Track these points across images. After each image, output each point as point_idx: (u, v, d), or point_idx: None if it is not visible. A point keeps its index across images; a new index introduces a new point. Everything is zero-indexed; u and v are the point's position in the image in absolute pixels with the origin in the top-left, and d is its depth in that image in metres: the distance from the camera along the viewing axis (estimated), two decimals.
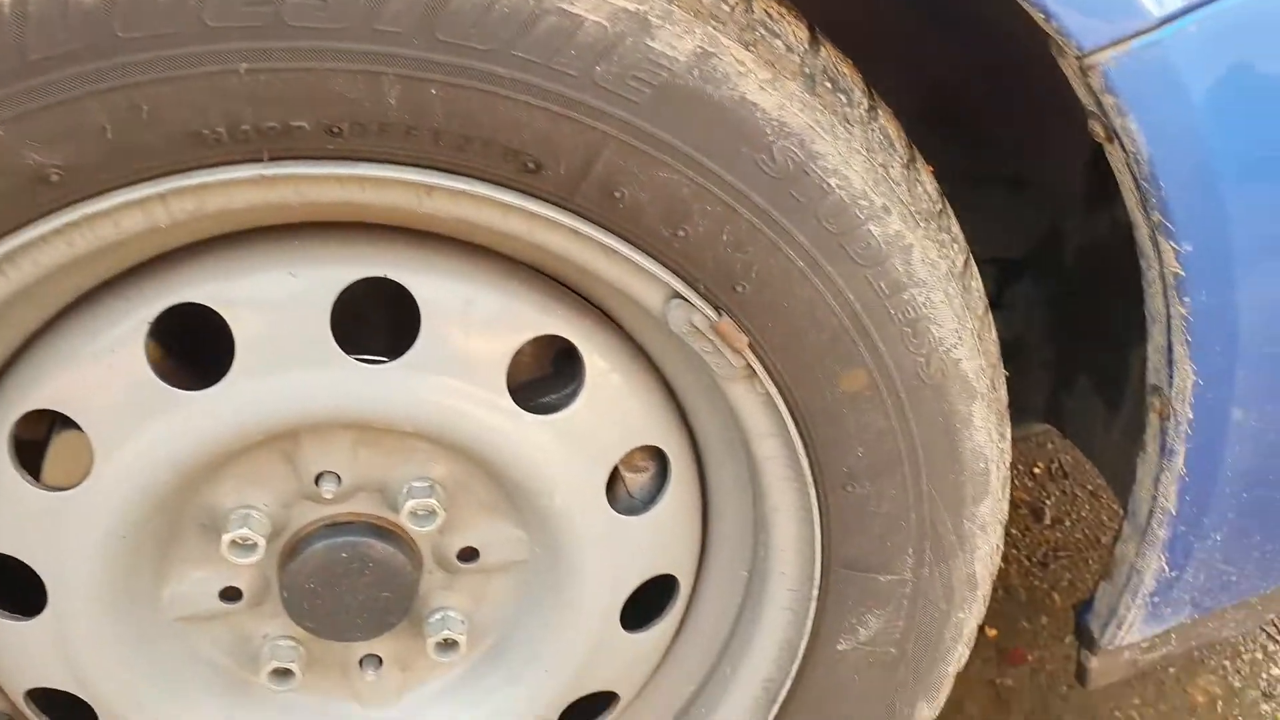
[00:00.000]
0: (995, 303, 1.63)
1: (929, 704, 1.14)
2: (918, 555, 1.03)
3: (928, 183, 0.93)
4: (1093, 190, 1.39)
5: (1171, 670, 1.82)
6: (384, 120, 0.77)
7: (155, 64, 0.73)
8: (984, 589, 1.09)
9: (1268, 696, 1.79)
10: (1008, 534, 2.11)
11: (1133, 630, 1.28)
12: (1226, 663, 1.85)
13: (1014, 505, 2.15)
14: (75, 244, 0.82)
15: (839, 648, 1.08)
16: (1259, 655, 1.86)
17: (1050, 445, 2.31)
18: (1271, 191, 0.91)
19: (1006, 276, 1.59)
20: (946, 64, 1.32)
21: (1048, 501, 2.17)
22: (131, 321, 0.89)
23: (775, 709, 1.12)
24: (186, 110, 0.75)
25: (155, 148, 0.76)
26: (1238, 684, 1.81)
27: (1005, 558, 2.05)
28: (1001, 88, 1.34)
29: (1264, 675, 1.82)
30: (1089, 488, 2.21)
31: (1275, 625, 1.90)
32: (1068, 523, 2.13)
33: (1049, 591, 1.97)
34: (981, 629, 1.92)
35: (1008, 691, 1.77)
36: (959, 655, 1.13)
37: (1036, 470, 2.24)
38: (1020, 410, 1.68)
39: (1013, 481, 2.23)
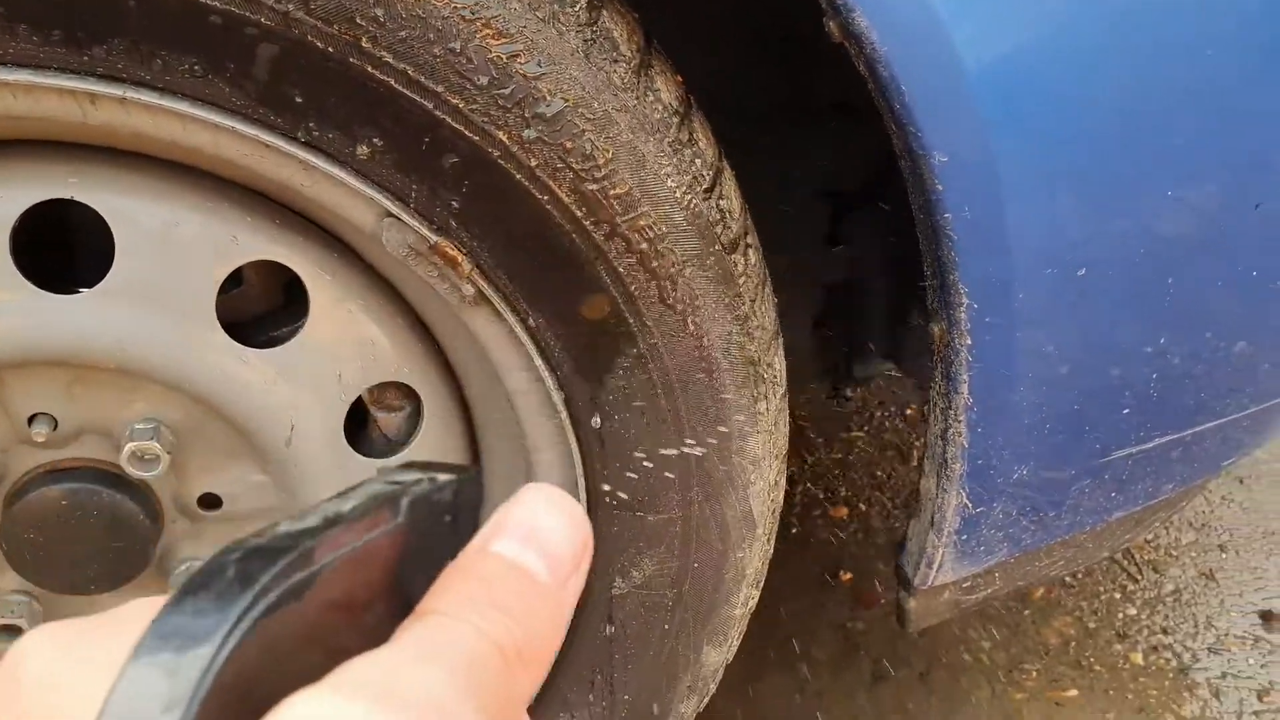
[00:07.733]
0: (833, 238, 1.57)
1: (716, 648, 1.09)
2: (684, 492, 0.97)
3: (665, 91, 0.86)
4: None
5: (1026, 612, 1.79)
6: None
7: None
8: (764, 527, 1.04)
9: (1121, 637, 1.76)
10: (872, 476, 2.08)
11: (945, 570, 1.24)
12: (1084, 603, 1.82)
13: (881, 447, 2.11)
14: None
15: (614, 592, 1.03)
16: (1116, 595, 1.83)
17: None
18: (1033, 96, 0.85)
19: (843, 211, 1.53)
20: None
21: (917, 444, 2.12)
22: None
23: None
24: None
25: None
26: (1093, 625, 1.78)
27: (868, 500, 2.01)
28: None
29: (1120, 615, 1.80)
30: None
31: (1134, 563, 1.88)
32: None
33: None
34: (835, 573, 1.89)
35: (858, 635, 1.73)
36: (745, 597, 1.07)
37: (909, 412, 2.20)
38: (862, 349, 1.64)
39: (882, 423, 2.19)
